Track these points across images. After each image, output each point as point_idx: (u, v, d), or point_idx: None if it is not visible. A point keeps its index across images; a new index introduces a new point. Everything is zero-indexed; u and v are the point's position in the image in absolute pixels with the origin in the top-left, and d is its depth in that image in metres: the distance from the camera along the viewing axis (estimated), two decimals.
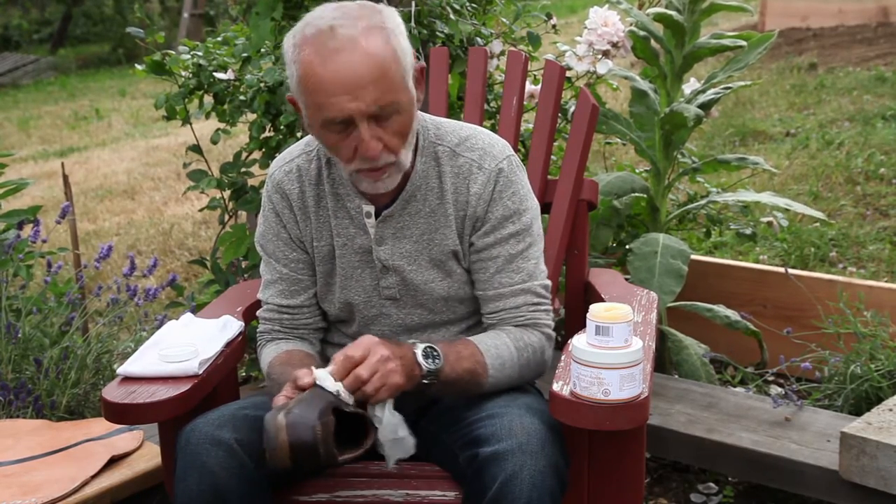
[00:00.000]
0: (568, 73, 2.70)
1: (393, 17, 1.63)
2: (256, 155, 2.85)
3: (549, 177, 2.27)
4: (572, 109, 2.52)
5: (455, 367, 1.65)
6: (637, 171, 3.11)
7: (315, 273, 1.84)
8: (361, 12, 1.61)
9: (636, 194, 2.83)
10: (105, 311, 2.86)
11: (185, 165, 2.92)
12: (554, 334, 1.82)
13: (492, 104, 2.78)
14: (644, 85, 2.89)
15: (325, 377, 1.55)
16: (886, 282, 3.40)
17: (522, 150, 2.70)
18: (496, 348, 1.71)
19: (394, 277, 1.78)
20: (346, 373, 1.55)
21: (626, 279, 2.36)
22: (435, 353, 1.62)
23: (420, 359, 1.60)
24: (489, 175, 1.73)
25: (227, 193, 2.85)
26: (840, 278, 3.00)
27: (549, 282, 1.81)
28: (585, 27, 2.75)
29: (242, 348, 1.93)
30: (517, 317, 1.77)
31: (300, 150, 1.82)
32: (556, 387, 1.53)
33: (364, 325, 1.84)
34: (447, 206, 1.74)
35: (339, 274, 1.81)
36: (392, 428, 1.56)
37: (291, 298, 1.85)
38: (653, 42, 2.81)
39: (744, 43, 2.75)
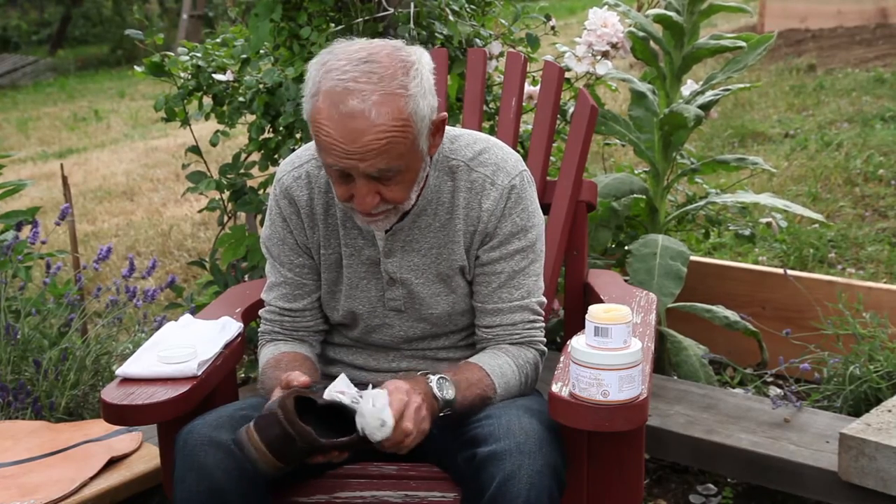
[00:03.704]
0: (567, 74, 2.70)
1: (419, 77, 1.58)
2: (255, 156, 2.84)
3: (548, 178, 2.27)
4: (571, 110, 2.53)
5: (466, 394, 1.65)
6: (636, 172, 3.11)
7: (320, 278, 1.83)
8: (385, 72, 1.55)
9: (635, 195, 2.83)
10: (104, 312, 2.85)
11: (184, 167, 2.92)
12: (546, 350, 1.84)
13: (491, 105, 2.78)
14: (642, 86, 2.89)
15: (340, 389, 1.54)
16: (885, 283, 3.40)
17: (521, 151, 2.70)
18: (500, 368, 1.72)
19: (400, 290, 1.78)
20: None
21: (626, 280, 2.36)
22: (447, 383, 1.62)
23: (436, 391, 1.60)
24: (501, 191, 1.73)
25: (226, 195, 2.85)
26: (839, 279, 3.00)
27: (544, 299, 1.82)
28: (585, 28, 2.75)
29: (241, 350, 1.93)
30: (513, 334, 1.78)
31: (310, 156, 1.80)
32: (555, 388, 1.53)
33: (366, 332, 1.84)
34: (457, 222, 1.74)
35: (345, 283, 1.81)
36: (375, 414, 1.52)
37: (294, 302, 1.84)
38: (652, 43, 2.81)
39: (743, 44, 2.75)
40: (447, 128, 1.78)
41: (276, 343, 1.86)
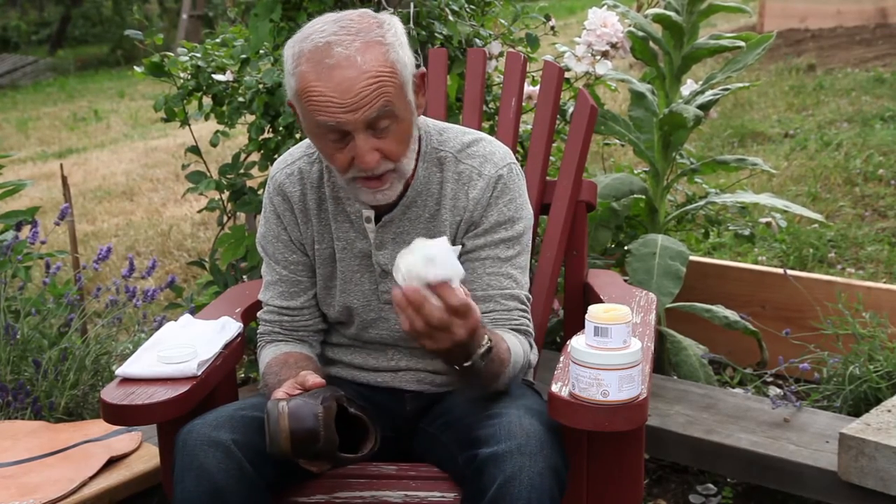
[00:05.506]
0: (567, 74, 2.70)
1: (393, 29, 1.63)
2: (255, 157, 2.84)
3: (548, 178, 2.27)
4: (571, 110, 2.53)
5: (498, 349, 1.59)
6: (636, 172, 3.12)
7: (315, 275, 1.84)
8: (361, 26, 1.60)
9: (635, 195, 2.83)
10: (104, 312, 2.85)
11: (184, 167, 2.92)
12: (534, 344, 1.83)
13: (490, 105, 2.78)
14: (642, 87, 2.89)
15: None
16: (885, 283, 3.40)
17: (521, 151, 2.70)
18: (514, 346, 1.69)
19: (393, 282, 1.78)
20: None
21: (625, 280, 2.36)
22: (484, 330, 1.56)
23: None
24: (488, 181, 1.73)
25: (225, 195, 2.85)
26: (839, 279, 3.00)
27: (530, 295, 1.81)
28: (584, 28, 2.75)
29: (241, 350, 1.93)
30: (511, 320, 1.77)
31: (301, 153, 1.82)
32: (554, 388, 1.53)
33: (363, 328, 1.84)
34: (444, 213, 1.75)
35: (339, 277, 1.81)
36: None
37: (291, 300, 1.85)
38: (651, 43, 2.81)
39: (742, 44, 2.75)
40: (434, 121, 1.80)
41: (277, 344, 1.86)
